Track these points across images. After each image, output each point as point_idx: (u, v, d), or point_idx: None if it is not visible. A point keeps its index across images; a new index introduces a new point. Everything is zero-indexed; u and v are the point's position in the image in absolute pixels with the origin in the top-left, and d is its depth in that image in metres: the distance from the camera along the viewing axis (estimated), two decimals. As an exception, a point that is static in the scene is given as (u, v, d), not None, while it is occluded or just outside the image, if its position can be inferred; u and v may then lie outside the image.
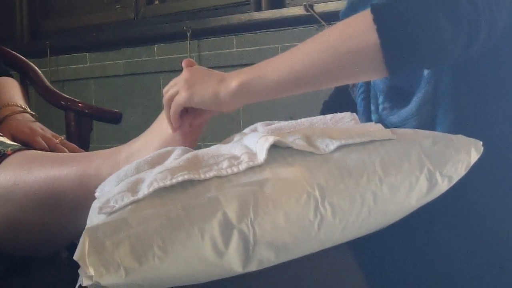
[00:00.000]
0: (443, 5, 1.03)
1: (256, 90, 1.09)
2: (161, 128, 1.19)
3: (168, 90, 1.16)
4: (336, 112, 1.20)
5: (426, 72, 1.16)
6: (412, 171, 1.02)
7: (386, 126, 1.17)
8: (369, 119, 1.27)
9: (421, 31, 1.02)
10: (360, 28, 1.05)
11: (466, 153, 1.05)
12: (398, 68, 1.05)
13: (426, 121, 1.16)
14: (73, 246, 1.29)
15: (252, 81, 1.08)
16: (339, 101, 1.44)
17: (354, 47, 1.05)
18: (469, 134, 1.08)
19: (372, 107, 1.28)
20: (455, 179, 1.04)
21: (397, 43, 1.03)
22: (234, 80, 1.09)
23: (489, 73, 1.14)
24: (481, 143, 1.06)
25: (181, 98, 1.13)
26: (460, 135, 1.07)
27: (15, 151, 1.33)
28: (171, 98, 1.15)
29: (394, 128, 1.11)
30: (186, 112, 1.17)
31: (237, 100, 1.10)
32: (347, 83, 1.18)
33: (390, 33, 1.03)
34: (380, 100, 1.26)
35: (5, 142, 1.40)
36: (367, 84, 1.31)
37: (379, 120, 1.23)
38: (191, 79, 1.13)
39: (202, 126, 1.20)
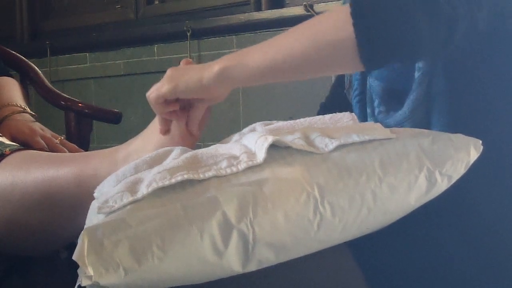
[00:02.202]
0: (421, 3, 1.03)
1: (236, 76, 1.09)
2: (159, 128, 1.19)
3: (152, 92, 1.15)
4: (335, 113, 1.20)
5: (417, 74, 1.16)
6: (412, 170, 1.02)
7: (384, 124, 1.17)
8: (364, 118, 1.27)
9: (398, 27, 1.03)
10: (338, 21, 1.05)
11: (466, 152, 1.05)
12: (373, 63, 1.06)
13: (421, 123, 1.16)
14: (72, 246, 1.29)
15: (233, 67, 1.09)
16: (335, 102, 1.44)
17: (331, 40, 1.05)
18: (471, 131, 1.08)
19: (368, 110, 1.29)
20: (454, 178, 1.04)
21: (372, 39, 1.03)
22: (216, 65, 1.10)
23: (482, 74, 1.14)
24: (480, 142, 1.06)
25: (164, 89, 1.12)
26: (459, 134, 1.07)
27: (13, 151, 1.33)
28: (157, 97, 1.14)
29: (393, 128, 1.11)
30: (176, 115, 1.16)
31: (220, 85, 1.10)
32: (324, 74, 1.18)
33: (366, 28, 1.03)
34: (376, 103, 1.26)
35: (3, 142, 1.40)
36: (363, 86, 1.31)
37: (377, 119, 1.23)
38: (174, 73, 1.13)
39: (202, 128, 1.20)
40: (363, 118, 1.29)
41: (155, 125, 1.21)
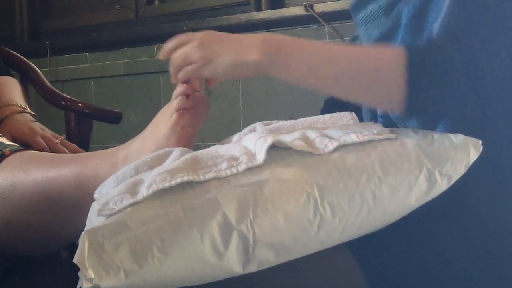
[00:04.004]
0: (467, 74, 1.06)
1: (273, 74, 1.11)
2: (157, 129, 1.19)
3: (178, 52, 1.16)
4: (337, 110, 1.20)
5: None
6: (411, 170, 1.02)
7: (391, 122, 1.17)
8: (374, 115, 1.27)
9: (447, 92, 1.06)
10: (391, 65, 1.07)
11: (465, 152, 1.05)
12: (414, 113, 1.10)
13: (427, 120, 1.16)
14: (73, 246, 1.29)
15: (274, 66, 1.10)
16: (340, 100, 1.44)
17: (380, 80, 1.08)
18: (471, 131, 1.08)
19: None
20: (454, 178, 1.04)
21: (422, 96, 1.07)
22: (255, 54, 1.10)
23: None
24: (480, 142, 1.06)
25: (200, 72, 1.13)
26: (459, 134, 1.07)
27: (13, 151, 1.33)
28: (184, 62, 1.15)
29: (393, 128, 1.11)
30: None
31: (254, 73, 1.12)
32: (361, 103, 1.22)
33: (419, 82, 1.06)
34: None
35: (3, 143, 1.40)
36: None
37: (384, 116, 1.23)
38: (208, 49, 1.13)
39: (200, 126, 1.20)
40: (371, 112, 1.28)
41: (154, 126, 1.21)
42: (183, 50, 1.15)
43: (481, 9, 1.09)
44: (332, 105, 1.42)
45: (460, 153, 1.04)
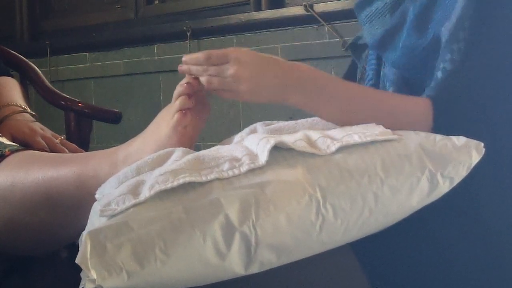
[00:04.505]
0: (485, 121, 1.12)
1: (304, 108, 1.14)
2: (158, 128, 1.19)
3: (213, 66, 1.15)
4: None
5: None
6: (413, 172, 1.02)
7: None
8: None
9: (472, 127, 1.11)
10: (417, 116, 1.12)
11: (468, 154, 1.05)
12: None
13: None
14: (73, 246, 1.29)
15: (307, 106, 1.14)
16: None
17: (406, 127, 1.11)
18: (475, 129, 1.09)
19: None
20: (456, 181, 1.04)
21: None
22: (293, 98, 1.13)
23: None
24: (482, 144, 1.06)
25: (240, 97, 1.14)
26: (461, 136, 1.07)
27: (13, 151, 1.33)
28: (216, 80, 1.14)
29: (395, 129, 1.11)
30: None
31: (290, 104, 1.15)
32: None
33: (443, 131, 1.10)
34: (390, 90, 1.26)
35: (3, 143, 1.39)
36: (377, 76, 1.31)
37: None
38: (253, 78, 1.13)
39: (201, 127, 1.20)
40: None
41: (154, 126, 1.21)
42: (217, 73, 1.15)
43: (492, 45, 1.13)
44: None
45: (462, 155, 1.04)
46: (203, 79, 1.15)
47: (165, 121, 1.19)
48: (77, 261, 0.90)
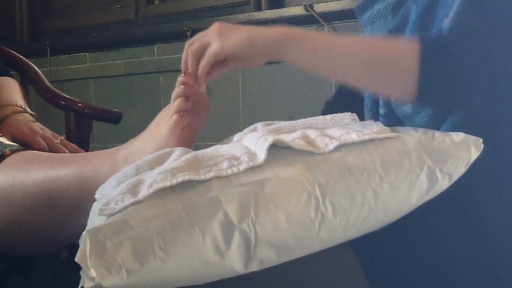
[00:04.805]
0: (479, 66, 1.08)
1: (288, 55, 1.12)
2: (158, 129, 1.19)
3: (194, 42, 1.17)
4: (338, 112, 1.20)
5: None
6: (413, 169, 1.02)
7: (393, 121, 1.17)
8: (375, 113, 1.27)
9: (458, 83, 1.08)
10: (405, 55, 1.09)
11: (466, 150, 1.05)
12: (425, 102, 1.11)
13: (433, 115, 1.16)
14: (73, 246, 1.29)
15: (289, 45, 1.11)
16: (341, 101, 1.44)
17: (394, 69, 1.10)
18: (477, 128, 1.08)
19: (380, 101, 1.28)
20: (455, 177, 1.04)
21: (433, 85, 1.08)
22: (275, 33, 1.11)
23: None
24: (481, 140, 1.06)
25: (215, 48, 1.14)
26: (460, 132, 1.07)
27: (13, 151, 1.33)
28: (200, 49, 1.15)
29: (394, 127, 1.11)
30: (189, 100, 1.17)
31: (269, 51, 1.12)
32: (372, 92, 1.24)
33: (431, 72, 1.07)
34: None
35: (3, 143, 1.39)
36: None
37: (389, 112, 1.23)
38: (222, 29, 1.14)
39: (200, 127, 1.20)
40: (374, 108, 1.28)
41: (154, 126, 1.21)
42: (198, 40, 1.17)
43: (493, 5, 1.10)
44: (333, 106, 1.42)
45: (461, 151, 1.04)
46: (201, 65, 1.16)
47: (164, 121, 1.19)
48: (76, 259, 0.90)
